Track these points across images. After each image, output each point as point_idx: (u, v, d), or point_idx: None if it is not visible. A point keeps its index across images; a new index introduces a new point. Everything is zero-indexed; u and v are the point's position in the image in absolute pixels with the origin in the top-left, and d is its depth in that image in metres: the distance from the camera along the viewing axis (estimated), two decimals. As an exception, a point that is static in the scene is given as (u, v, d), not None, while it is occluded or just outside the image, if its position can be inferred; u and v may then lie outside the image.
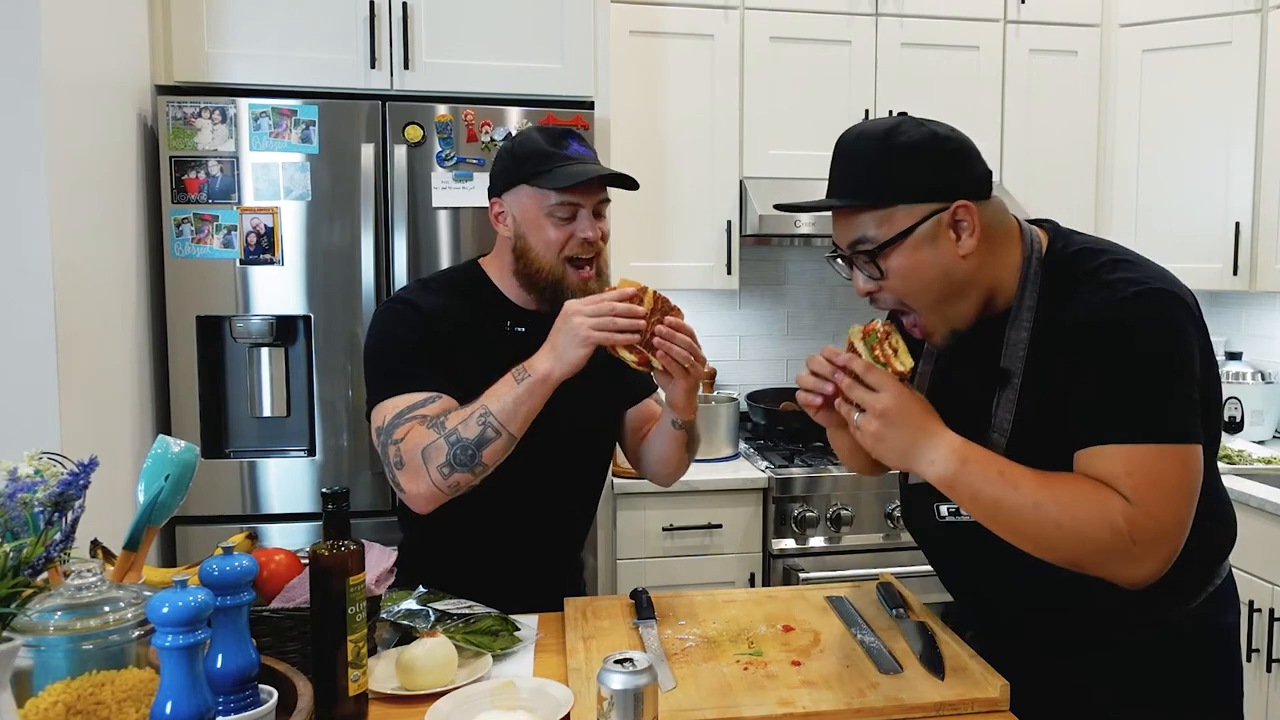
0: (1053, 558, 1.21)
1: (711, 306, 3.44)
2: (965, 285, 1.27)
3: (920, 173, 1.25)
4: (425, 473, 1.46)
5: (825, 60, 3.08)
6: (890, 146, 1.25)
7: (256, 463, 2.54)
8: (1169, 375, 1.19)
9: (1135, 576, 1.20)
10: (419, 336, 1.57)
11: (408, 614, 1.42)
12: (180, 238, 2.46)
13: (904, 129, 1.27)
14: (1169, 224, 3.19)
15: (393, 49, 2.57)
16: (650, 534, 2.76)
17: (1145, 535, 1.17)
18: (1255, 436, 3.15)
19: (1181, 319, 1.22)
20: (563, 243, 1.57)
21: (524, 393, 1.45)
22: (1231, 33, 3.04)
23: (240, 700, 1.04)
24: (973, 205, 1.25)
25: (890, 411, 1.23)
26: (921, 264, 1.25)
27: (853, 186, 1.28)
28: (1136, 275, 1.23)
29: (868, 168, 1.27)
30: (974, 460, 1.22)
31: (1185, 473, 1.19)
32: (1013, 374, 1.28)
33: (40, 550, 0.99)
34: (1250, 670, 2.53)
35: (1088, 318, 1.22)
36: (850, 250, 1.28)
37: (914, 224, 1.24)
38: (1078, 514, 1.18)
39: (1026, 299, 1.29)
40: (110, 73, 2.27)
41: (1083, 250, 1.29)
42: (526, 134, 1.62)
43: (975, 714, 1.24)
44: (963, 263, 1.26)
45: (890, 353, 1.28)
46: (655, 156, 3.00)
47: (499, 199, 1.62)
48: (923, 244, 1.24)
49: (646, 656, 1.04)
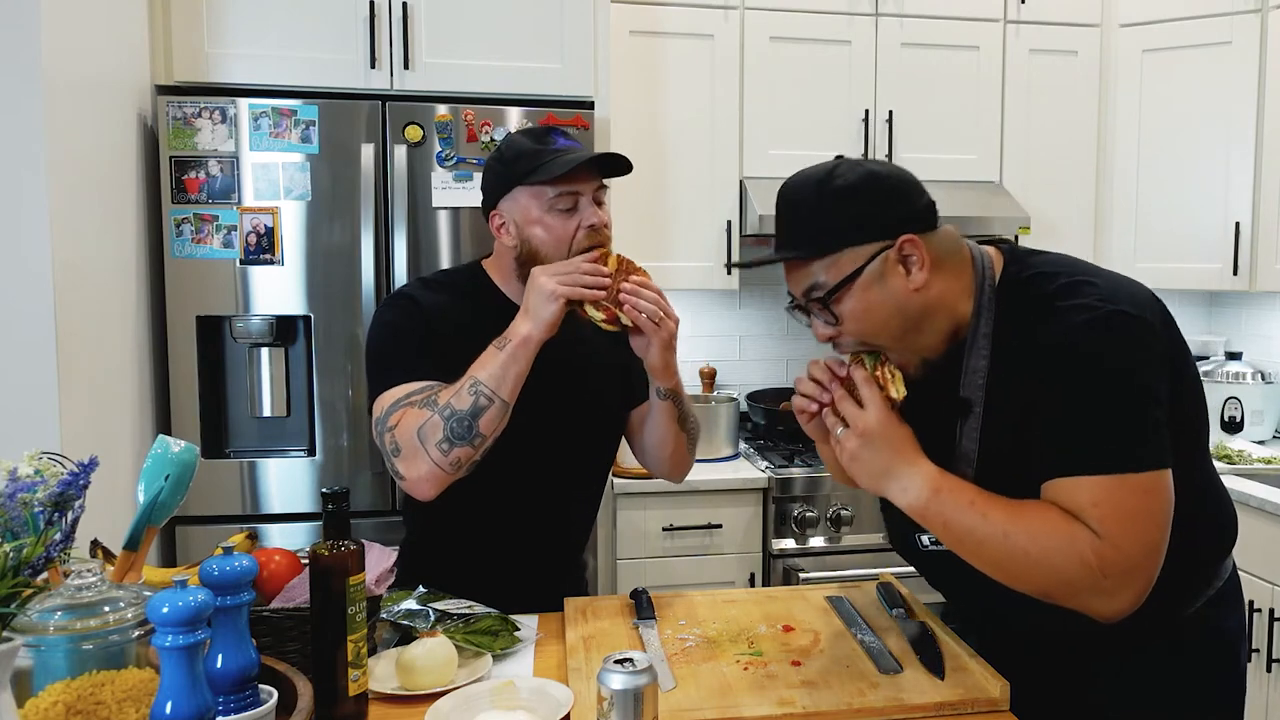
0: (1024, 588, 1.21)
1: (711, 306, 3.44)
2: (922, 318, 1.27)
3: (861, 213, 1.25)
4: (424, 452, 1.44)
5: (825, 60, 3.08)
6: (828, 191, 1.25)
7: (256, 463, 2.54)
8: (1129, 402, 1.17)
9: (1108, 610, 1.19)
10: (420, 331, 1.56)
11: (408, 614, 1.42)
12: (180, 238, 2.46)
13: (840, 172, 1.26)
14: (1169, 224, 3.19)
15: (393, 49, 2.57)
16: (650, 534, 2.76)
17: (1115, 569, 1.15)
18: (1255, 436, 3.15)
19: (1140, 339, 1.19)
20: (570, 235, 1.54)
21: (507, 357, 1.45)
22: (1231, 33, 3.04)
23: (240, 700, 1.04)
24: (918, 238, 1.24)
25: (871, 432, 1.24)
26: (874, 303, 1.25)
27: (798, 237, 1.28)
28: (1090, 300, 1.20)
29: (809, 216, 1.27)
30: (946, 490, 1.22)
31: (1152, 501, 1.17)
32: (973, 403, 1.27)
33: (40, 550, 0.99)
34: (1250, 670, 2.53)
35: (1044, 347, 1.20)
36: (804, 299, 1.29)
37: (861, 265, 1.24)
38: (1046, 545, 1.17)
39: (982, 326, 1.27)
40: (110, 73, 2.27)
41: (1038, 274, 1.27)
42: (509, 139, 1.60)
43: (975, 714, 1.24)
44: (916, 296, 1.25)
45: (889, 376, 1.28)
46: (655, 156, 3.00)
47: (496, 210, 1.59)
48: (873, 283, 1.24)
49: (646, 656, 1.04)
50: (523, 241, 1.56)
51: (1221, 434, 3.15)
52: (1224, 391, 3.16)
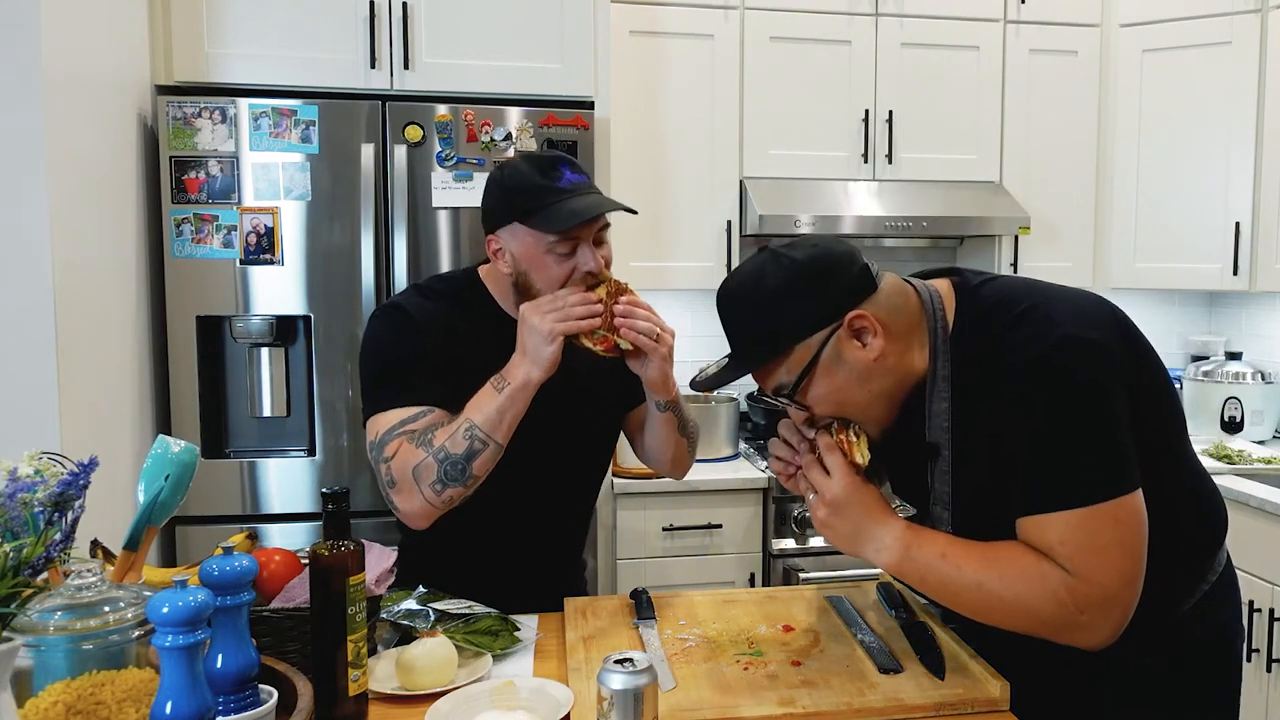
0: (1007, 628, 1.22)
1: (711, 307, 3.42)
2: (889, 385, 1.27)
3: (799, 309, 1.25)
4: (418, 491, 1.46)
5: (825, 60, 3.08)
6: (761, 297, 1.26)
7: (256, 463, 2.54)
8: (1086, 433, 1.17)
9: (1090, 642, 1.19)
10: (409, 344, 1.54)
11: (408, 614, 1.42)
12: (180, 238, 2.46)
13: (768, 271, 1.26)
14: (1169, 224, 3.19)
15: (393, 49, 2.57)
16: (650, 534, 2.76)
17: (1090, 603, 1.16)
18: (1255, 436, 3.15)
19: (1093, 364, 1.18)
20: (565, 278, 1.51)
21: (505, 401, 1.45)
22: (1231, 33, 3.04)
23: (240, 700, 1.04)
24: (864, 311, 1.24)
25: (838, 501, 1.27)
26: (838, 384, 1.26)
27: (747, 347, 1.29)
28: (1039, 332, 1.19)
29: (752, 324, 1.28)
30: (917, 546, 1.25)
31: (1122, 529, 1.17)
32: (940, 446, 1.28)
33: (40, 550, 0.99)
34: (1250, 670, 2.53)
35: (1000, 386, 1.20)
36: (775, 396, 1.31)
37: (815, 353, 1.25)
38: (1019, 590, 1.18)
39: (940, 369, 1.27)
40: (110, 73, 2.27)
41: (990, 309, 1.27)
42: (515, 165, 1.53)
43: (975, 714, 1.24)
44: (877, 364, 1.25)
45: (853, 440, 1.29)
46: (655, 156, 3.00)
47: (495, 236, 1.54)
48: (832, 366, 1.25)
49: (646, 656, 1.04)
50: (519, 274, 1.53)
51: (1221, 434, 3.15)
52: (1224, 391, 3.16)
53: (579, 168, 1.54)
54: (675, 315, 3.37)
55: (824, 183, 3.08)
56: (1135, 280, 3.27)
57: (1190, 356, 3.51)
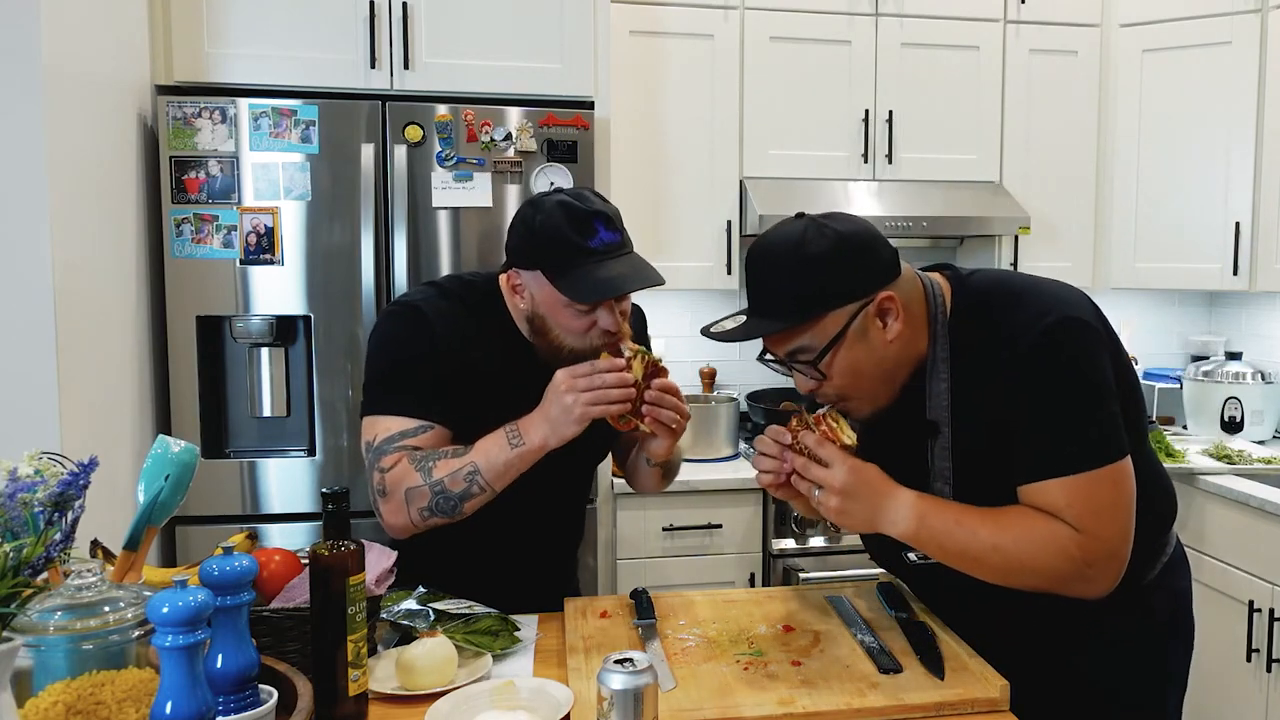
0: (1018, 587, 1.30)
1: (711, 306, 3.43)
2: (896, 367, 1.34)
3: (838, 278, 1.30)
4: (405, 510, 1.49)
5: (825, 60, 3.08)
6: (803, 260, 1.29)
7: (256, 463, 2.54)
8: (1086, 403, 1.26)
9: (1093, 592, 1.29)
10: (419, 347, 1.52)
11: (408, 614, 1.42)
12: (180, 238, 2.46)
13: (809, 238, 1.30)
14: (1169, 224, 3.19)
15: (393, 49, 2.57)
16: (650, 534, 2.76)
17: (1097, 557, 1.26)
18: (1255, 436, 3.15)
19: (1084, 339, 1.27)
20: (583, 331, 1.49)
21: (515, 458, 1.47)
22: (1231, 33, 3.04)
23: (240, 700, 1.04)
24: (894, 293, 1.31)
25: (847, 487, 1.29)
26: (859, 359, 1.31)
27: (778, 306, 1.31)
28: (1032, 314, 1.28)
29: (788, 284, 1.30)
30: (931, 513, 1.30)
31: (1118, 490, 1.27)
32: (940, 424, 1.35)
33: (40, 550, 0.99)
34: (1250, 670, 2.53)
35: (1001, 363, 1.28)
36: (789, 359, 1.33)
37: (845, 326, 1.29)
38: (1034, 550, 1.26)
39: (939, 352, 1.34)
40: (110, 73, 2.27)
41: (985, 296, 1.35)
42: (549, 212, 1.45)
43: (975, 714, 1.24)
44: (892, 347, 1.32)
45: (835, 425, 1.33)
46: (655, 156, 3.00)
47: (516, 272, 1.51)
48: (856, 341, 1.30)
49: (646, 656, 1.04)
50: (536, 315, 1.52)
51: (1221, 434, 3.15)
52: (1224, 391, 3.16)
53: (614, 224, 1.48)
54: (675, 315, 3.37)
55: (824, 183, 3.08)
56: (1135, 280, 3.27)
57: (1190, 356, 3.51)
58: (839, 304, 1.29)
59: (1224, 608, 2.61)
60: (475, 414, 1.52)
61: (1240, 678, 2.56)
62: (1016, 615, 1.39)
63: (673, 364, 1.57)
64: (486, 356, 1.55)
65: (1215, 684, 2.63)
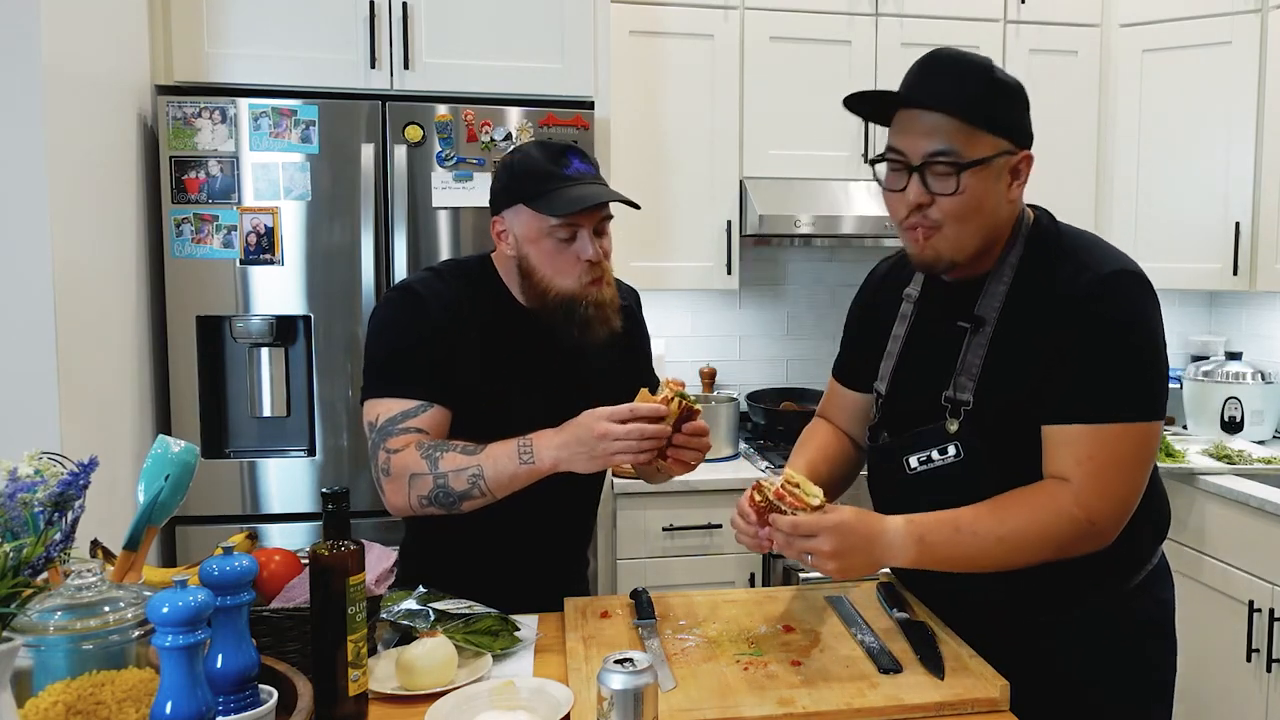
0: (1033, 564, 1.31)
1: (711, 306, 3.44)
2: (994, 229, 1.37)
3: (1012, 113, 1.34)
4: (406, 493, 1.52)
5: (825, 60, 3.08)
6: (994, 80, 1.34)
7: (256, 463, 2.54)
8: (1146, 352, 1.30)
9: (1098, 546, 1.32)
10: (416, 328, 1.57)
11: (408, 614, 1.42)
12: (180, 238, 2.46)
13: (997, 69, 1.35)
14: (1169, 224, 3.19)
15: (393, 49, 2.57)
16: (650, 534, 2.76)
17: (1101, 513, 1.29)
18: (1255, 436, 3.14)
19: (1155, 301, 1.32)
20: (566, 264, 1.55)
21: (522, 473, 1.49)
22: (1231, 33, 3.04)
23: (240, 700, 1.04)
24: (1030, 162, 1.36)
25: (839, 548, 1.29)
26: (986, 193, 1.33)
27: (955, 100, 1.32)
28: (1105, 255, 1.34)
29: (974, 87, 1.32)
30: (928, 531, 1.31)
31: (1143, 449, 1.30)
32: (986, 321, 1.37)
33: (40, 550, 0.99)
34: (1250, 670, 2.53)
35: (1067, 292, 1.31)
36: (927, 159, 1.33)
37: (995, 154, 1.32)
38: (1037, 526, 1.29)
39: (1010, 257, 1.39)
40: (110, 73, 2.27)
41: (1065, 233, 1.42)
42: (525, 150, 1.59)
43: (975, 714, 1.24)
44: (1006, 207, 1.36)
45: (795, 490, 1.32)
46: (655, 156, 3.00)
47: (500, 217, 1.59)
48: (990, 177, 1.33)
49: (646, 656, 1.04)
50: (521, 255, 1.58)
51: (1221, 434, 3.14)
52: (1224, 391, 3.16)
53: (588, 158, 1.59)
54: (675, 315, 3.37)
55: (824, 183, 3.08)
56: (1135, 280, 3.26)
57: (1190, 356, 3.51)
58: (1002, 134, 1.32)
59: (1224, 608, 2.61)
60: (475, 385, 1.57)
61: (1240, 678, 2.55)
62: (997, 614, 1.41)
63: (673, 364, 1.58)
64: (482, 328, 1.60)
65: (1215, 684, 2.63)
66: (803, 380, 3.47)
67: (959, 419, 1.37)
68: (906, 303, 1.53)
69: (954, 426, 1.37)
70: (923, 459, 1.41)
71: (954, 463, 1.38)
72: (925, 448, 1.40)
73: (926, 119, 1.32)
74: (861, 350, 1.60)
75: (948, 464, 1.38)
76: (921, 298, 1.51)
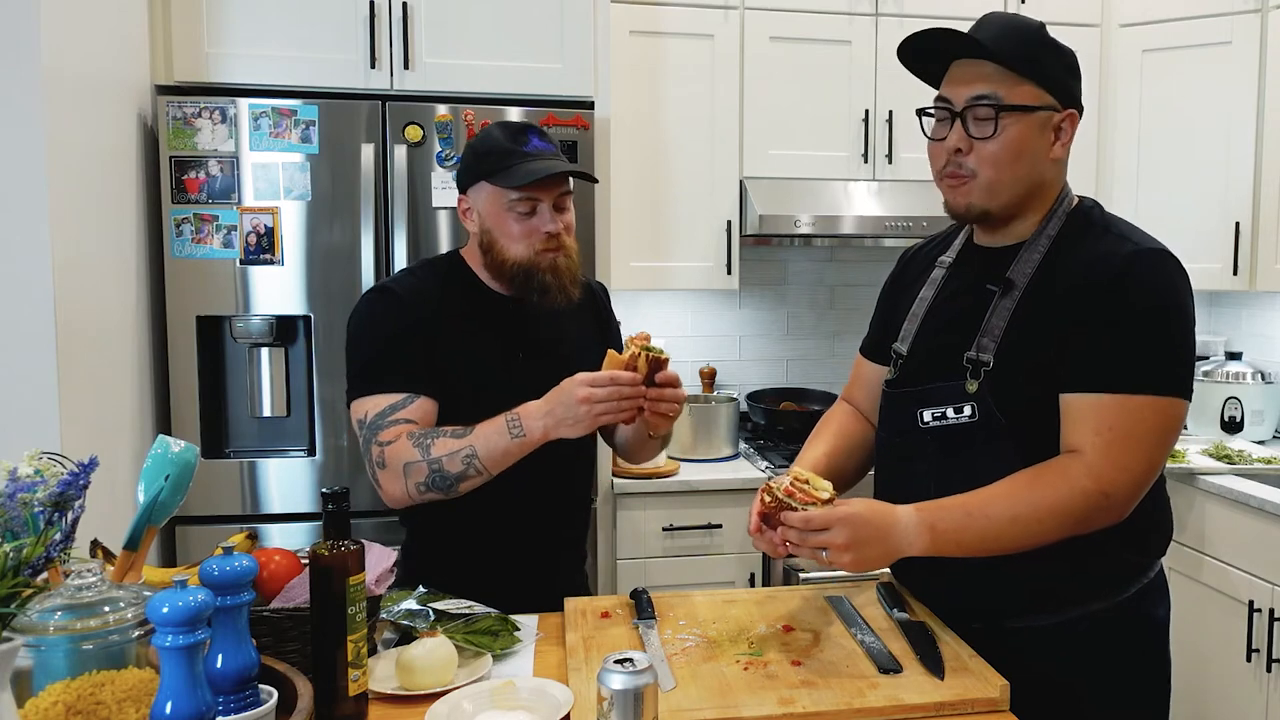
0: (1048, 542, 1.31)
1: (711, 306, 3.44)
2: (1034, 184, 1.39)
3: (1060, 69, 1.38)
4: (403, 482, 1.54)
5: (825, 60, 3.08)
6: (1044, 36, 1.39)
7: (256, 463, 2.54)
8: (1177, 331, 1.31)
9: (1114, 518, 1.31)
10: (395, 324, 1.62)
11: (408, 614, 1.42)
12: (180, 238, 2.46)
13: (1047, 32, 1.39)
14: (1169, 224, 3.17)
15: (393, 49, 2.57)
16: (650, 534, 2.76)
17: (1115, 484, 1.29)
18: (1255, 436, 3.14)
19: (1185, 280, 1.34)
20: (526, 237, 1.62)
21: (514, 447, 1.52)
22: (1231, 33, 3.04)
23: (240, 700, 1.04)
24: (1075, 123, 1.39)
25: (853, 539, 1.29)
26: (1026, 143, 1.36)
27: (1007, 47, 1.35)
28: (1144, 236, 1.37)
29: (1024, 41, 1.36)
30: (940, 518, 1.31)
31: (1165, 426, 1.30)
32: (1015, 285, 1.38)
33: (40, 550, 0.99)
34: (1250, 670, 2.53)
35: (1102, 263, 1.32)
36: (969, 103, 1.36)
37: (1038, 105, 1.35)
38: (1050, 504, 1.29)
39: (1049, 228, 1.41)
40: (110, 73, 2.27)
41: (1106, 214, 1.44)
42: (487, 131, 1.66)
43: (975, 714, 1.24)
44: (1047, 165, 1.39)
45: (804, 488, 1.32)
46: (655, 157, 3.00)
47: (464, 195, 1.68)
48: (1032, 128, 1.36)
49: (646, 656, 1.04)
50: (484, 231, 1.65)
51: (1221, 434, 3.14)
52: (1224, 391, 3.16)
53: (548, 138, 1.67)
54: (675, 315, 3.37)
55: (824, 183, 3.08)
56: (1135, 280, 3.26)
57: (1190, 356, 3.51)
58: (1048, 86, 1.35)
59: (1224, 608, 2.61)
60: (457, 373, 1.61)
61: (1240, 678, 2.55)
62: (996, 615, 1.41)
63: (672, 364, 1.58)
64: (459, 317, 1.66)
65: (1215, 684, 2.63)
66: (803, 380, 3.47)
67: (979, 380, 1.37)
68: (939, 269, 1.55)
69: (973, 386, 1.37)
70: (937, 414, 1.42)
71: (967, 424, 1.38)
72: (941, 403, 1.41)
73: (973, 67, 1.37)
74: (890, 324, 1.60)
75: (961, 424, 1.39)
76: (955, 263, 1.53)
